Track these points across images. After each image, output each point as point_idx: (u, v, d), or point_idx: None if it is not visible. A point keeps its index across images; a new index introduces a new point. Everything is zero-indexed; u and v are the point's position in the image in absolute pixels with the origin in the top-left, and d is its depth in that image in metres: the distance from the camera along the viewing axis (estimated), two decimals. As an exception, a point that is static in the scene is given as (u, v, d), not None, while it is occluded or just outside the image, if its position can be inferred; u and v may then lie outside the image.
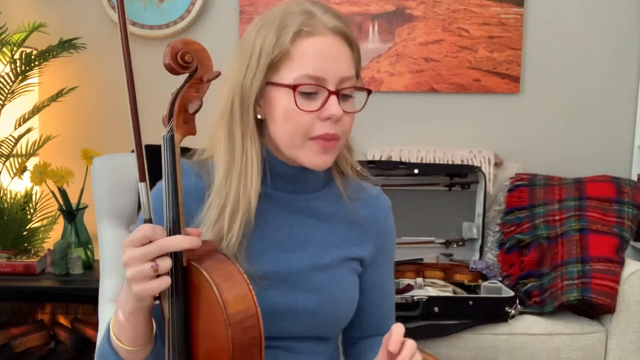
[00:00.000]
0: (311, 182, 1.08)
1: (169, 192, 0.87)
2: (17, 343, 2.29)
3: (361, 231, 1.11)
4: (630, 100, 2.66)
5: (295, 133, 0.98)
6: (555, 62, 2.64)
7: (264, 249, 1.03)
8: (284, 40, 0.96)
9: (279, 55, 0.96)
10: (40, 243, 2.42)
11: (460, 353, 1.90)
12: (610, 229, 2.07)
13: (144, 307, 0.88)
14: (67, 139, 2.53)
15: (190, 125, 0.89)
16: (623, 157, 2.68)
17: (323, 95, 0.97)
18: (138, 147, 0.86)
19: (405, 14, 2.59)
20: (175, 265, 0.85)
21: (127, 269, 0.84)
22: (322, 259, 1.05)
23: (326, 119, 0.97)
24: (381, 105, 2.64)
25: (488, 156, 2.44)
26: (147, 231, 0.83)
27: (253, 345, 0.85)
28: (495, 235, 2.33)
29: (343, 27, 0.98)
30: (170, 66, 0.86)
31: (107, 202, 1.72)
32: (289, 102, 0.96)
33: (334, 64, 0.97)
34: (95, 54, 2.49)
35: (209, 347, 0.86)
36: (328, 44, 0.97)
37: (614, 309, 1.92)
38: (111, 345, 0.94)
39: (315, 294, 1.03)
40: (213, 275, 0.84)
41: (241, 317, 0.83)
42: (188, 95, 0.88)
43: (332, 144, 0.99)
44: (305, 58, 0.96)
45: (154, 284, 0.83)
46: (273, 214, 1.05)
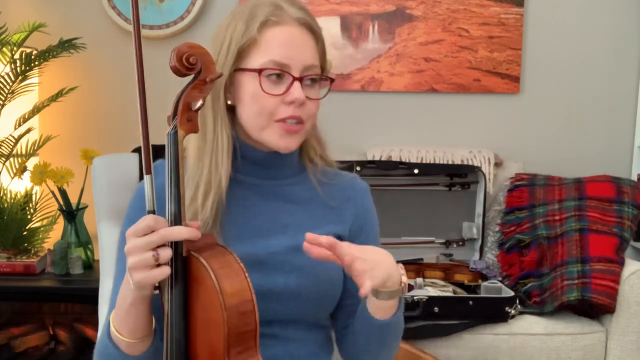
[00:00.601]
0: (286, 167, 1.12)
1: (172, 186, 0.91)
2: (17, 343, 2.29)
3: (339, 212, 1.14)
4: (630, 100, 2.66)
5: (260, 115, 1.03)
6: (555, 62, 2.64)
7: (243, 234, 1.06)
8: (252, 29, 1.03)
9: (247, 43, 1.03)
10: (40, 243, 2.42)
11: (460, 353, 1.90)
12: (610, 229, 2.07)
13: (144, 296, 0.91)
14: (67, 139, 2.53)
15: (193, 122, 0.94)
16: (623, 157, 2.68)
17: (287, 81, 1.03)
18: (145, 140, 0.92)
19: (405, 14, 2.59)
20: (175, 254, 0.89)
21: (129, 257, 0.87)
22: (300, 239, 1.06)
23: (290, 102, 1.03)
24: (381, 105, 2.64)
25: (488, 156, 2.44)
26: (150, 221, 0.87)
27: (248, 332, 0.88)
28: (495, 235, 2.33)
29: (308, 19, 1.06)
30: (176, 68, 0.92)
31: (107, 202, 1.72)
32: (256, 86, 1.02)
33: (298, 52, 1.03)
34: (95, 54, 2.49)
35: (207, 335, 0.89)
36: (293, 33, 1.04)
37: (614, 309, 1.92)
38: (111, 339, 0.96)
39: (296, 274, 1.06)
40: (211, 263, 0.88)
41: (237, 302, 0.87)
42: (192, 95, 0.93)
43: (296, 128, 1.04)
44: (271, 45, 1.03)
45: (155, 272, 0.87)
46: (251, 200, 1.09)
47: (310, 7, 2.56)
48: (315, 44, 1.06)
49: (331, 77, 1.09)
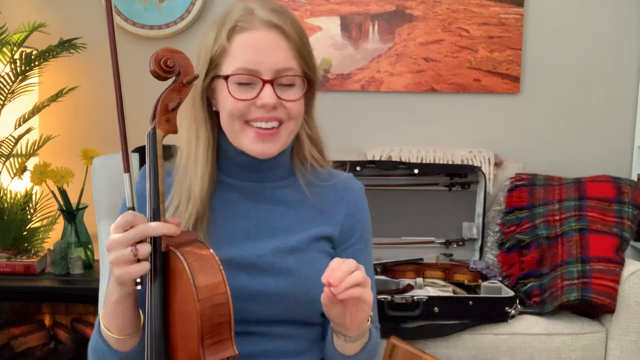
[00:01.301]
0: (276, 170, 1.12)
1: (151, 183, 0.93)
2: (17, 343, 2.29)
3: (331, 213, 1.14)
4: (630, 100, 2.66)
5: (232, 119, 1.05)
6: (555, 62, 2.64)
7: (231, 237, 1.07)
8: (222, 36, 1.04)
9: (218, 51, 1.05)
10: (40, 243, 2.42)
11: (460, 353, 1.90)
12: (610, 229, 2.07)
13: (127, 293, 0.92)
14: (67, 139, 2.53)
15: (172, 123, 0.96)
16: (623, 157, 2.68)
17: (259, 85, 1.03)
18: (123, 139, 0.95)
19: (405, 14, 2.59)
20: (154, 250, 0.91)
21: (110, 253, 0.89)
22: (289, 242, 1.09)
23: (261, 106, 1.03)
24: (381, 105, 2.64)
25: (488, 156, 2.44)
26: (129, 217, 0.90)
27: (221, 323, 0.90)
28: (495, 235, 2.33)
29: (276, 21, 1.04)
30: (155, 72, 0.95)
31: (107, 202, 1.72)
32: (227, 93, 1.04)
33: (268, 55, 1.03)
34: (95, 54, 2.49)
35: (183, 328, 0.91)
36: (261, 38, 1.03)
37: (614, 309, 1.92)
38: (102, 337, 0.98)
39: (284, 277, 1.06)
40: (187, 257, 0.90)
41: (210, 294, 0.89)
42: (170, 97, 0.96)
43: (270, 132, 1.04)
44: (239, 52, 1.03)
45: (134, 268, 0.88)
46: (239, 204, 1.10)
47: (310, 7, 2.56)
48: (287, 45, 1.04)
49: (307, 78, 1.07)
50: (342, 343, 1.04)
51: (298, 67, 1.06)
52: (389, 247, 2.25)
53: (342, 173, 1.20)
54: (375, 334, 1.16)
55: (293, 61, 1.05)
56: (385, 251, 2.19)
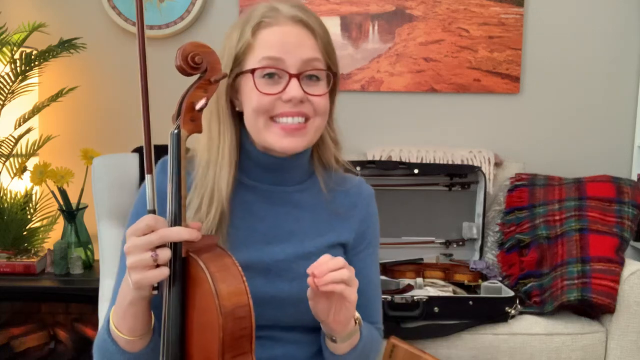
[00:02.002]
0: (294, 173, 1.11)
1: (173, 186, 0.90)
2: (17, 343, 2.29)
3: (344, 218, 1.14)
4: (630, 100, 2.66)
5: (258, 115, 1.03)
6: (555, 62, 2.64)
7: (248, 240, 1.06)
8: (246, 33, 1.03)
9: (243, 48, 1.03)
10: (40, 243, 2.42)
11: (460, 353, 1.90)
12: (610, 229, 2.07)
13: (143, 296, 0.90)
14: (67, 139, 2.53)
15: (197, 123, 0.92)
16: (623, 157, 2.68)
17: (285, 79, 1.02)
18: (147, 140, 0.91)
19: (405, 14, 2.59)
20: (174, 255, 0.88)
21: (128, 256, 0.86)
22: (305, 247, 1.08)
23: (287, 101, 1.01)
24: (381, 105, 2.64)
25: (488, 156, 2.44)
26: (150, 221, 0.87)
27: (243, 336, 0.87)
28: (495, 235, 2.33)
29: (302, 16, 1.04)
30: (181, 67, 0.90)
31: (107, 202, 1.72)
32: (252, 87, 1.02)
33: (294, 49, 1.02)
34: (95, 54, 2.50)
35: (202, 337, 0.88)
36: (287, 32, 1.03)
37: (614, 309, 1.92)
38: (111, 335, 0.96)
39: (299, 282, 1.05)
40: (209, 265, 0.87)
41: (233, 307, 0.86)
42: (196, 95, 0.92)
43: (295, 127, 1.03)
44: (265, 45, 1.02)
45: (153, 273, 0.86)
46: (257, 206, 1.09)
47: (310, 7, 2.54)
48: (314, 40, 1.04)
49: (333, 72, 1.07)
50: (331, 343, 1.04)
51: (323, 61, 1.05)
52: (389, 247, 2.26)
53: (354, 177, 1.20)
54: (375, 335, 1.16)
55: (319, 55, 1.04)
56: (385, 251, 2.19)
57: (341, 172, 1.17)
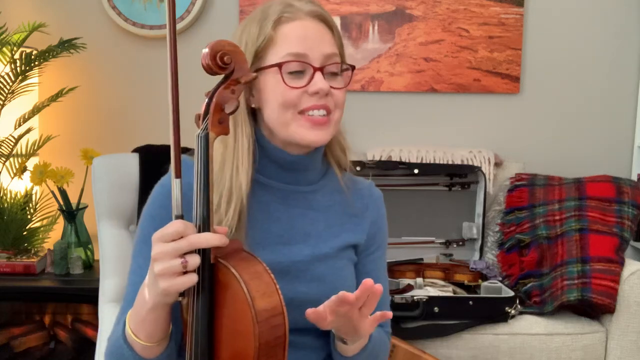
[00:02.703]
0: (310, 172, 1.11)
1: (201, 190, 0.88)
2: (17, 343, 2.29)
3: (357, 220, 1.14)
4: (630, 100, 2.66)
5: (285, 109, 1.02)
6: (555, 62, 2.64)
7: (265, 241, 1.05)
8: (267, 28, 1.03)
9: (264, 43, 1.03)
10: (40, 243, 2.42)
11: (460, 353, 1.90)
12: (610, 229, 2.07)
13: (166, 303, 0.89)
14: (67, 139, 2.53)
15: (224, 125, 0.90)
16: (623, 157, 2.68)
17: (309, 73, 1.03)
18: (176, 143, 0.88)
19: (405, 14, 2.59)
20: (203, 262, 0.86)
21: (156, 264, 0.84)
22: (321, 249, 1.08)
23: (314, 93, 1.02)
24: (381, 105, 2.64)
25: (488, 156, 2.44)
26: (179, 227, 0.84)
27: (277, 345, 0.86)
28: (495, 235, 2.33)
29: (321, 11, 1.06)
30: (209, 66, 0.88)
31: (107, 202, 1.72)
32: (277, 82, 1.02)
33: (315, 43, 1.03)
34: (95, 54, 2.50)
35: (234, 345, 0.86)
36: (308, 26, 1.04)
37: (614, 309, 1.92)
38: (126, 341, 0.94)
39: (316, 284, 1.05)
40: (242, 273, 0.85)
41: (268, 315, 0.84)
42: (224, 96, 0.90)
43: (322, 120, 1.04)
44: (288, 40, 1.02)
45: (182, 280, 0.84)
46: (273, 206, 1.08)
47: (310, 7, 2.56)
48: (331, 35, 1.06)
49: (352, 65, 1.09)
50: (341, 344, 1.04)
51: (339, 56, 1.07)
52: (389, 247, 2.23)
53: (364, 180, 1.21)
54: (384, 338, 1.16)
55: (336, 50, 1.06)
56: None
57: (350, 174, 1.18)
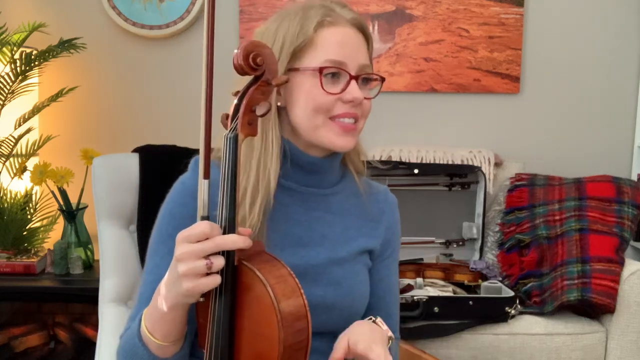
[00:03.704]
0: (329, 175, 1.12)
1: (227, 192, 0.87)
2: (17, 343, 2.30)
3: (373, 225, 1.15)
4: (630, 100, 2.66)
5: (317, 113, 1.03)
6: (555, 62, 2.64)
7: (284, 243, 1.05)
8: (308, 29, 1.03)
9: (303, 43, 1.03)
10: (40, 243, 2.42)
11: (460, 353, 1.90)
12: (610, 229, 2.07)
13: (187, 303, 0.89)
14: (67, 139, 2.53)
15: (253, 126, 0.90)
16: (623, 157, 2.68)
17: (344, 80, 1.03)
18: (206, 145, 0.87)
19: (405, 14, 2.59)
20: (227, 264, 0.86)
21: (180, 264, 0.84)
22: (338, 253, 1.08)
23: (348, 102, 1.03)
24: (381, 105, 2.63)
25: (488, 156, 2.44)
26: (205, 228, 0.84)
27: (300, 349, 0.86)
28: (495, 235, 2.33)
29: (361, 21, 1.07)
30: (240, 67, 0.87)
31: (107, 202, 1.72)
32: (313, 85, 1.02)
33: (353, 51, 1.04)
34: (95, 54, 2.50)
35: (256, 348, 0.86)
36: (348, 34, 1.05)
37: (614, 309, 1.92)
38: (142, 340, 0.94)
39: (333, 288, 1.05)
40: (267, 276, 0.85)
41: (293, 319, 0.84)
42: (255, 97, 0.89)
43: (352, 127, 1.04)
44: (328, 45, 1.03)
45: (206, 281, 0.84)
46: (292, 208, 1.08)
47: (310, 7, 2.56)
48: (366, 46, 1.07)
49: (382, 77, 1.10)
50: None
51: (371, 67, 1.08)
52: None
53: (379, 184, 1.22)
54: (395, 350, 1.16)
55: (369, 62, 1.07)
56: (385, 251, 2.19)
57: (367, 178, 1.19)
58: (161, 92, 2.51)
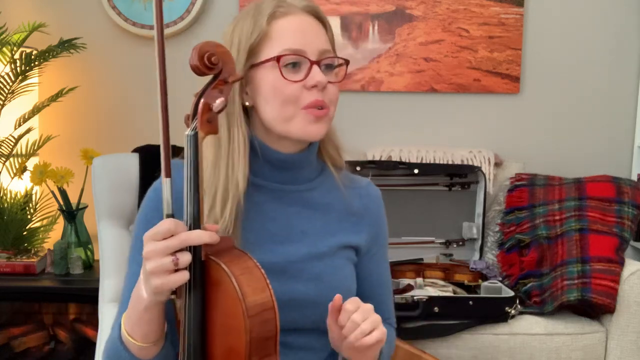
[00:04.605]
0: (305, 170, 1.10)
1: (191, 189, 0.88)
2: (17, 343, 2.30)
3: (356, 220, 1.13)
4: (630, 100, 2.66)
5: (286, 104, 1.02)
6: (555, 62, 2.64)
7: (261, 240, 1.05)
8: (261, 23, 1.02)
9: (259, 38, 1.02)
10: (40, 243, 2.42)
11: (460, 353, 1.90)
12: (610, 229, 2.07)
13: (159, 301, 0.89)
14: (67, 139, 2.53)
15: (213, 124, 0.91)
16: (623, 157, 2.68)
17: (306, 66, 1.02)
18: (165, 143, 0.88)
19: (405, 14, 2.59)
20: (194, 259, 0.87)
21: (148, 262, 0.85)
22: (318, 248, 1.07)
23: (312, 87, 1.01)
24: (381, 105, 2.64)
25: (488, 156, 2.44)
26: (170, 225, 0.85)
27: (269, 338, 0.87)
28: (495, 235, 2.33)
29: (314, 7, 1.06)
30: (196, 67, 0.90)
31: (107, 202, 1.72)
32: (275, 77, 1.01)
33: (311, 38, 1.03)
34: (95, 54, 2.50)
35: (226, 341, 0.87)
36: (303, 21, 1.04)
37: (614, 309, 1.92)
38: (123, 342, 0.94)
39: (314, 283, 1.05)
40: (232, 268, 0.86)
41: (259, 309, 0.85)
42: (212, 95, 0.91)
43: (323, 113, 1.03)
44: (284, 34, 1.02)
45: (174, 277, 0.85)
46: (269, 206, 1.07)
47: (310, 7, 2.56)
48: (324, 31, 1.06)
49: (346, 59, 1.08)
50: None
51: (332, 53, 1.07)
52: (389, 247, 2.24)
53: (361, 178, 1.20)
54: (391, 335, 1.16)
55: (329, 47, 1.06)
56: (385, 251, 2.19)
57: (348, 172, 1.17)
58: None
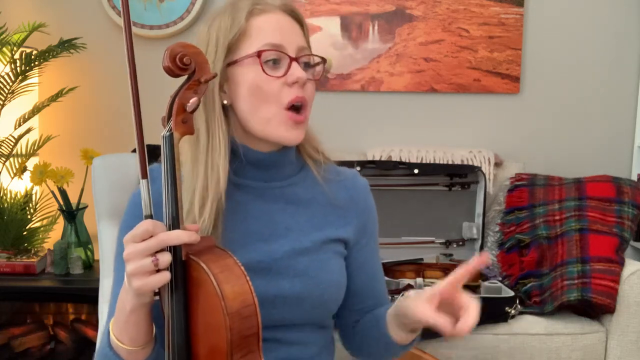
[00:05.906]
0: (285, 167, 1.10)
1: (169, 189, 0.89)
2: (17, 343, 2.30)
3: (342, 213, 1.13)
4: (630, 100, 2.66)
5: (265, 102, 1.01)
6: (555, 62, 2.64)
7: (245, 240, 1.04)
8: (240, 20, 1.01)
9: (237, 35, 1.01)
10: (40, 243, 2.42)
11: (460, 353, 1.90)
12: (610, 229, 2.07)
13: (144, 303, 0.89)
14: (67, 139, 2.53)
15: (188, 124, 0.91)
16: (623, 157, 2.68)
17: (285, 63, 1.02)
18: (140, 144, 0.89)
19: (405, 14, 2.59)
20: (175, 259, 0.86)
21: (128, 264, 0.85)
22: (302, 243, 1.07)
23: (293, 83, 1.01)
24: (381, 105, 2.64)
25: (488, 156, 2.44)
26: (148, 226, 0.85)
27: (251, 335, 0.87)
28: (495, 235, 2.33)
29: (291, 5, 1.06)
30: (169, 68, 0.90)
31: (107, 202, 1.72)
32: (256, 73, 1.00)
33: (289, 35, 1.03)
34: (95, 54, 2.50)
35: (209, 339, 0.88)
36: (280, 19, 1.04)
37: (614, 309, 1.92)
38: (112, 348, 0.94)
39: (300, 279, 1.04)
40: (211, 267, 0.86)
41: (239, 307, 0.85)
42: (186, 96, 0.91)
43: (301, 118, 1.03)
44: (263, 31, 1.02)
45: (155, 278, 0.85)
46: (251, 204, 1.07)
47: (310, 7, 2.56)
48: (300, 29, 1.06)
49: (323, 58, 1.08)
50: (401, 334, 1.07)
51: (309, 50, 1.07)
52: (389, 247, 2.26)
53: (347, 170, 1.18)
54: None
55: (306, 44, 1.06)
56: (385, 251, 2.18)
57: (333, 164, 1.16)
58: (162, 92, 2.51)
